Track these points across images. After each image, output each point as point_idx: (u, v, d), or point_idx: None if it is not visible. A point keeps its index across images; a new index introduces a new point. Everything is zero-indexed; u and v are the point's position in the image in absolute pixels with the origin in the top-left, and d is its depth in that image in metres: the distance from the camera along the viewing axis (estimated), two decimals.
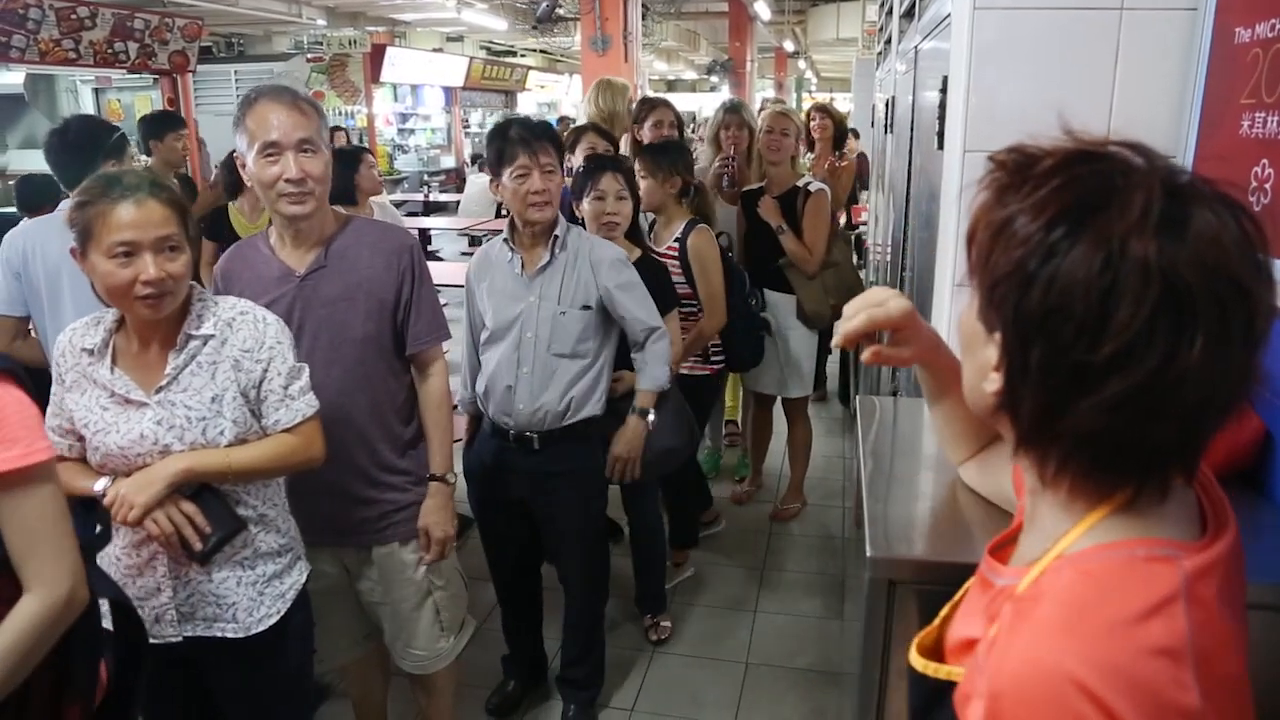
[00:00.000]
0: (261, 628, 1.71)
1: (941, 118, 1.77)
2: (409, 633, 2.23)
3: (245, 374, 1.65)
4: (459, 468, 2.30)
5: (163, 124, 4.64)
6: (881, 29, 5.15)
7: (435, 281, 2.21)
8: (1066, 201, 0.68)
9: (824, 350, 3.87)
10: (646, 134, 3.73)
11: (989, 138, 1.63)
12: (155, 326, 1.61)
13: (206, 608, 1.68)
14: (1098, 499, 0.74)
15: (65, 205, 2.54)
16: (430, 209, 11.51)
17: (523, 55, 18.71)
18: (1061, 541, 0.75)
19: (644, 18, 10.52)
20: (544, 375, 2.39)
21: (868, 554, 1.17)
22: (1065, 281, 0.66)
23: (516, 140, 2.29)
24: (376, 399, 2.06)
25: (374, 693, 2.45)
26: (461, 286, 2.60)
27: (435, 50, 14.80)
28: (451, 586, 2.26)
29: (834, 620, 3.23)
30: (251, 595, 1.70)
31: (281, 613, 1.74)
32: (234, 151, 1.96)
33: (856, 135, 6.78)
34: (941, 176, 1.77)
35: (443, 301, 2.18)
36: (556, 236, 2.39)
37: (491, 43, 16.87)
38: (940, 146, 1.78)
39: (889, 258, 3.52)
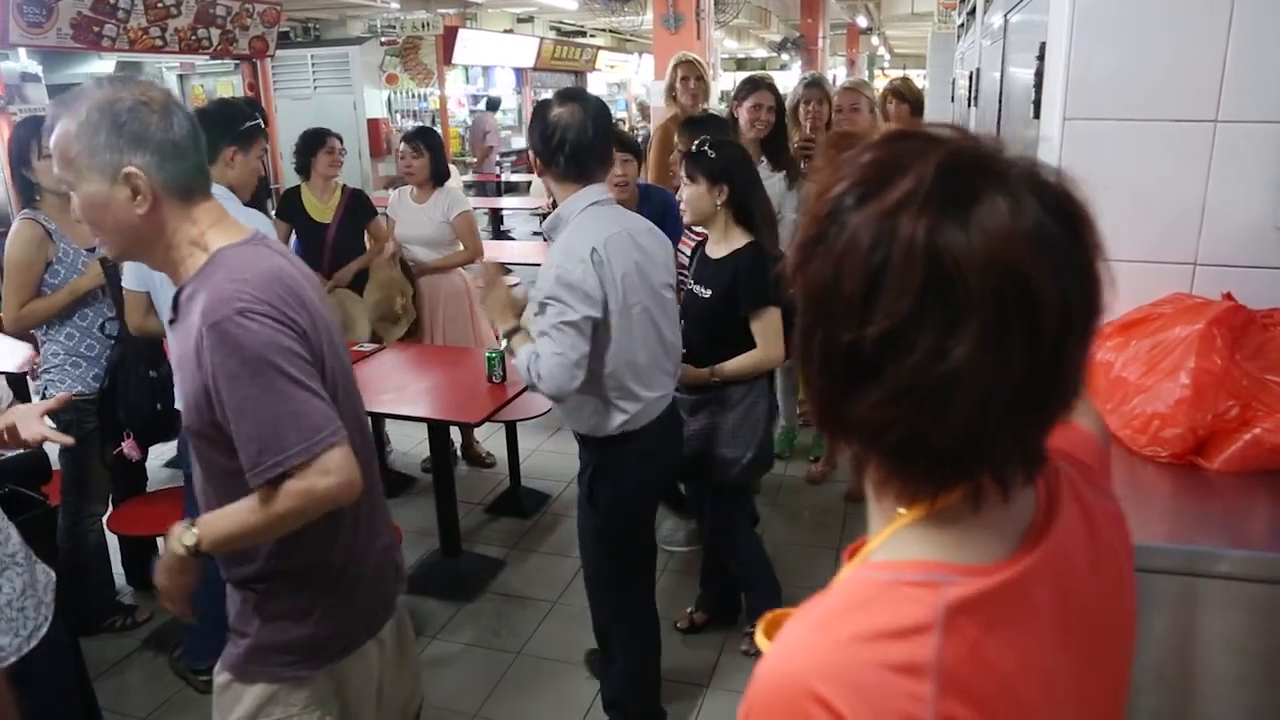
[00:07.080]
0: None
1: (1038, 85, 1.69)
2: None
3: None
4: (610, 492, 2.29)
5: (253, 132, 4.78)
6: (963, 1, 4.97)
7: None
8: (864, 174, 0.63)
9: None
10: (744, 115, 3.67)
11: (1090, 105, 1.55)
12: None
13: None
14: (902, 503, 0.69)
15: None
16: (503, 189, 11.62)
17: (592, 35, 18.67)
18: (871, 545, 0.70)
19: None
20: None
21: None
22: (840, 253, 0.62)
23: None
24: (219, 495, 1.48)
25: None
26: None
27: (506, 31, 14.84)
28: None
29: None
30: None
31: None
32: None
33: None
34: (1037, 147, 1.69)
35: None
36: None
37: (561, 23, 16.86)
38: (1036, 115, 1.70)
39: None
